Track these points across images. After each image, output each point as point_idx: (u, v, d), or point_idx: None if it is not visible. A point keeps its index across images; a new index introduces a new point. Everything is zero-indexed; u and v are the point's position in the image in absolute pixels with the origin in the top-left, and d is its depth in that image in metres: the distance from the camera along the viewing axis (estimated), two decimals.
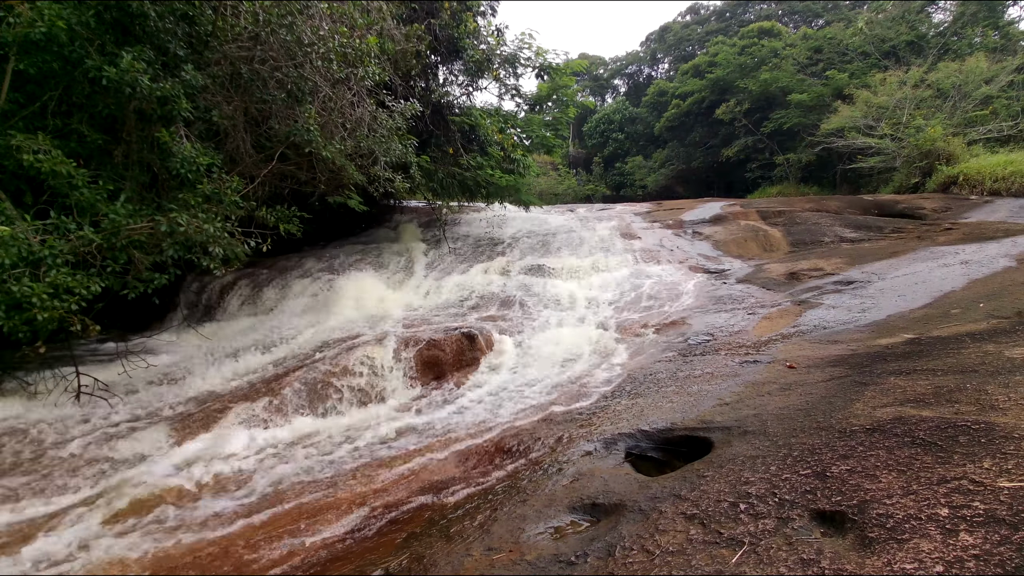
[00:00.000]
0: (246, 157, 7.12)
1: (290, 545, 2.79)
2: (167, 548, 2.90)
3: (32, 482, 3.67)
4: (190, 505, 3.38)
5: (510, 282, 8.67)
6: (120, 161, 6.28)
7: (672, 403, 3.74)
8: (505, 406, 4.70)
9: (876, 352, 3.93)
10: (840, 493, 2.02)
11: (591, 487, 2.61)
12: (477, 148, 12.16)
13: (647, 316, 7.06)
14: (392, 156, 7.59)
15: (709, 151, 31.17)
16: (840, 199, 13.80)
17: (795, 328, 5.34)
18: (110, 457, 3.95)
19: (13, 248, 4.62)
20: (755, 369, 4.17)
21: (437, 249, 11.05)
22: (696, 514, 2.12)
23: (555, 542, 2.19)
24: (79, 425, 4.46)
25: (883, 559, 1.62)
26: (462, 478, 3.31)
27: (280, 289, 8.83)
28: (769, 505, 2.06)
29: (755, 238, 10.92)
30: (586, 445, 3.25)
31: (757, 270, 8.63)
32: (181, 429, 4.34)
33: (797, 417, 2.89)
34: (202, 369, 5.64)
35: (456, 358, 5.81)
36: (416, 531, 2.62)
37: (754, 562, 1.75)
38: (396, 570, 2.22)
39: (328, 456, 4.00)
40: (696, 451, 2.97)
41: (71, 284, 4.76)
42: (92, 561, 2.80)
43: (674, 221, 12.90)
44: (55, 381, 5.13)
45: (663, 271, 9.37)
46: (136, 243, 5.37)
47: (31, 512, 3.37)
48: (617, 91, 49.58)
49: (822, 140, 21.13)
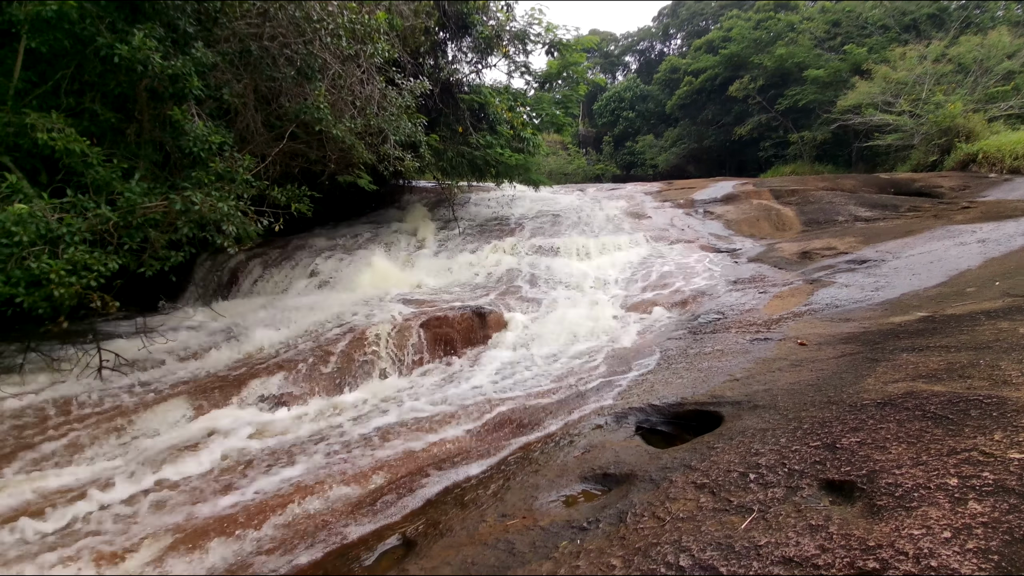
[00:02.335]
0: (257, 136, 7.13)
1: (312, 509, 2.90)
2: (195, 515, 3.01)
3: (64, 450, 3.80)
4: (215, 476, 3.49)
5: (520, 261, 8.68)
6: (133, 140, 6.32)
7: (682, 379, 3.77)
8: (515, 382, 4.75)
9: (889, 330, 3.92)
10: (849, 464, 2.04)
11: (602, 458, 2.65)
12: (486, 127, 12.06)
13: (657, 295, 7.06)
14: (401, 135, 7.56)
15: (721, 129, 30.66)
16: (855, 178, 13.58)
17: (807, 307, 5.32)
18: (134, 428, 4.07)
19: (31, 226, 4.69)
20: (766, 346, 4.18)
21: (447, 229, 11.06)
22: (706, 483, 2.16)
23: (567, 509, 2.25)
24: (103, 398, 4.58)
25: (891, 525, 1.65)
26: (475, 450, 3.38)
27: (291, 268, 8.91)
28: (778, 475, 2.09)
29: (767, 217, 10.81)
30: (597, 419, 3.30)
31: (769, 249, 8.56)
32: (200, 403, 4.44)
33: (807, 392, 2.90)
34: (218, 346, 5.74)
35: (466, 335, 5.87)
36: (431, 499, 2.69)
37: (763, 528, 1.78)
38: (412, 534, 2.29)
39: (341, 429, 4.08)
40: (706, 425, 3.00)
41: (89, 261, 4.84)
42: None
43: (685, 201, 12.78)
44: (78, 356, 5.26)
45: (673, 251, 9.33)
46: (151, 221, 5.43)
47: (69, 478, 3.50)
48: (628, 68, 48.69)
49: (838, 117, 20.68)
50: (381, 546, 2.30)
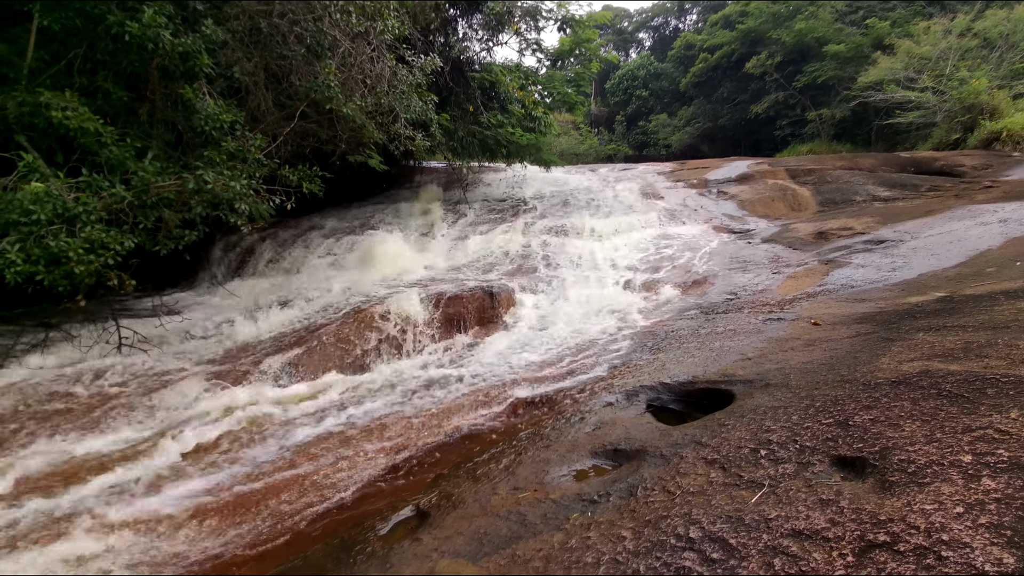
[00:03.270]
0: (268, 115, 7.12)
1: (330, 484, 2.97)
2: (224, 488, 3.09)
3: (91, 423, 3.92)
4: (234, 451, 3.58)
5: (531, 242, 8.65)
6: (145, 119, 6.34)
7: (694, 358, 3.77)
8: (526, 360, 4.78)
9: (905, 310, 3.87)
10: (862, 440, 2.04)
11: (613, 435, 2.67)
12: (497, 106, 11.92)
13: (669, 275, 7.01)
14: (412, 113, 7.50)
15: (737, 108, 30.02)
16: (874, 156, 13.28)
17: (821, 287, 5.26)
18: (156, 403, 4.17)
19: (48, 204, 4.76)
20: (779, 326, 4.15)
21: (458, 209, 11.03)
22: (717, 459, 2.16)
23: (578, 483, 2.28)
24: (123, 374, 4.69)
25: (903, 500, 1.65)
26: (486, 426, 3.42)
27: (303, 249, 8.97)
28: (789, 451, 2.10)
29: (782, 197, 10.63)
30: (608, 397, 3.31)
31: (783, 230, 8.44)
32: (215, 379, 4.53)
33: (820, 371, 2.89)
34: (232, 324, 5.83)
35: (478, 315, 5.89)
36: (444, 472, 2.74)
37: (773, 502, 1.79)
38: (426, 506, 2.34)
39: (355, 407, 4.15)
40: (717, 403, 3.00)
41: (105, 240, 4.90)
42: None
43: (698, 180, 12.60)
44: (98, 333, 5.37)
45: (686, 231, 9.23)
46: (165, 201, 5.48)
47: (98, 447, 3.61)
48: (642, 45, 47.66)
49: (858, 94, 20.13)
50: (395, 517, 2.36)
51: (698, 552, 1.63)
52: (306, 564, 2.10)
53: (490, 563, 1.80)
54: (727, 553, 1.59)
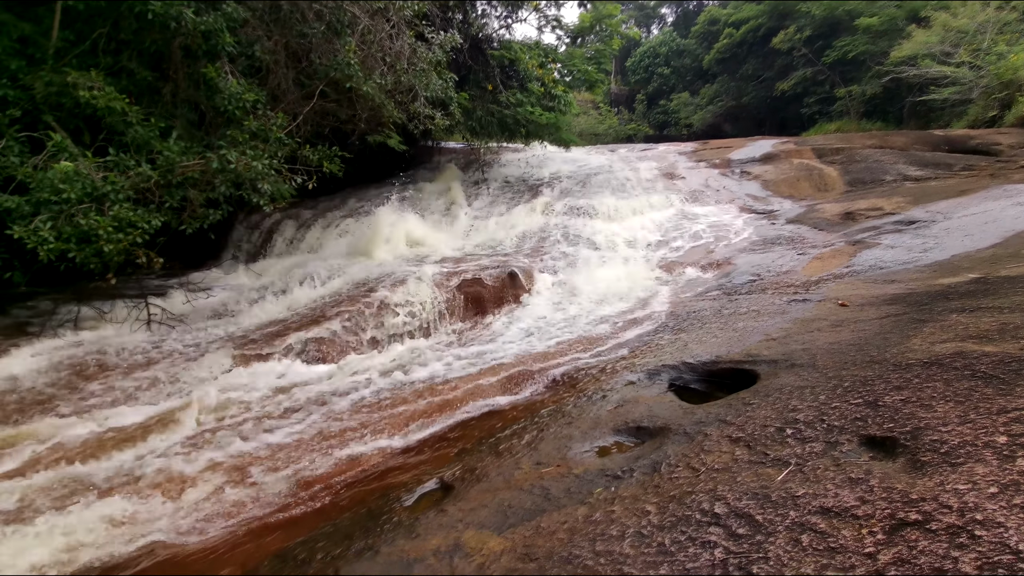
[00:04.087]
0: (288, 95, 7.13)
1: (352, 455, 3.04)
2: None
3: (123, 395, 4.06)
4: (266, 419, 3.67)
5: (550, 222, 8.59)
6: (169, 99, 6.40)
7: (716, 338, 3.73)
8: (547, 340, 4.79)
9: (937, 291, 3.76)
10: (892, 421, 2.00)
11: (635, 412, 2.67)
12: (516, 84, 11.76)
13: (690, 256, 6.93)
14: (432, 92, 7.45)
15: (762, 85, 29.15)
16: (906, 135, 12.83)
17: (848, 268, 5.14)
18: (183, 376, 4.29)
19: (78, 183, 4.85)
20: (804, 307, 4.08)
21: (477, 189, 10.99)
22: (741, 437, 2.15)
23: (601, 459, 2.29)
24: (153, 349, 4.83)
25: (935, 480, 1.63)
26: (508, 404, 3.45)
27: (324, 229, 9.04)
28: (817, 431, 2.07)
29: (808, 177, 10.37)
30: (629, 375, 3.30)
31: (809, 210, 8.25)
32: (241, 355, 4.63)
33: (849, 351, 2.84)
34: (256, 302, 5.93)
35: (498, 295, 5.91)
36: (467, 447, 2.78)
37: (800, 480, 1.78)
38: (450, 479, 2.38)
39: (377, 383, 4.21)
40: (740, 383, 2.97)
41: (133, 219, 5.00)
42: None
43: (721, 160, 12.33)
44: (127, 310, 5.51)
45: (708, 212, 9.08)
46: (190, 180, 5.56)
47: (134, 417, 3.74)
48: (664, 21, 46.38)
49: (891, 69, 19.36)
50: (420, 488, 2.40)
51: (724, 527, 1.63)
52: (336, 531, 2.16)
53: (515, 534, 1.83)
54: (753, 529, 1.59)
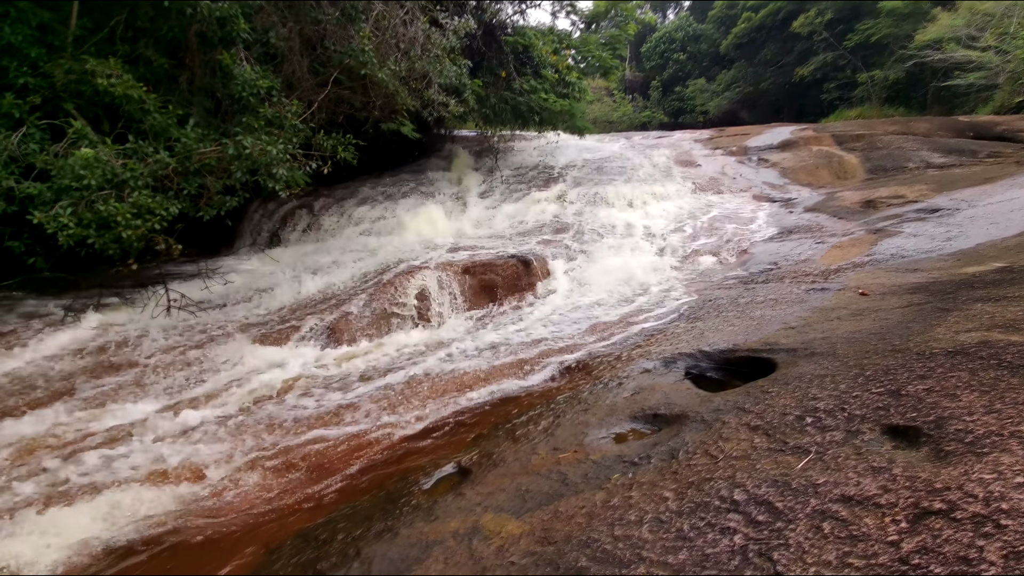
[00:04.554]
0: (302, 82, 7.13)
1: (372, 440, 3.08)
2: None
3: (144, 379, 4.15)
4: (279, 403, 3.73)
5: (564, 210, 8.55)
6: (185, 87, 6.44)
7: (733, 326, 3.70)
8: (560, 328, 4.78)
9: (962, 280, 3.69)
10: (915, 410, 1.98)
11: (652, 399, 2.67)
12: (530, 71, 11.63)
13: (706, 245, 6.86)
14: (445, 78, 7.40)
15: (781, 71, 28.53)
16: (930, 121, 12.52)
17: (869, 257, 5.06)
18: (204, 362, 4.37)
19: (98, 170, 4.91)
20: (823, 296, 4.02)
21: (490, 177, 10.94)
22: (760, 425, 2.14)
23: (618, 446, 2.29)
24: (172, 334, 4.91)
25: (959, 470, 1.60)
26: (523, 391, 3.46)
27: (338, 216, 9.08)
28: (837, 419, 2.05)
29: (827, 165, 10.18)
30: (645, 363, 3.29)
31: (828, 198, 8.11)
32: (259, 340, 4.70)
33: (870, 340, 2.80)
34: (272, 289, 5.99)
35: (511, 283, 5.90)
36: (483, 433, 2.80)
37: (821, 468, 1.77)
38: (467, 463, 2.40)
39: (393, 369, 4.25)
40: (758, 372, 2.95)
41: (151, 205, 5.06)
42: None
43: (737, 148, 12.15)
44: (148, 296, 5.60)
45: (724, 200, 8.97)
46: (207, 167, 5.60)
47: (154, 404, 3.83)
48: (681, 6, 45.46)
49: (915, 54, 18.85)
50: (438, 472, 2.43)
51: (743, 514, 1.63)
52: (355, 513, 2.19)
53: (533, 518, 1.84)
54: (773, 516, 1.58)
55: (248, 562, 2.07)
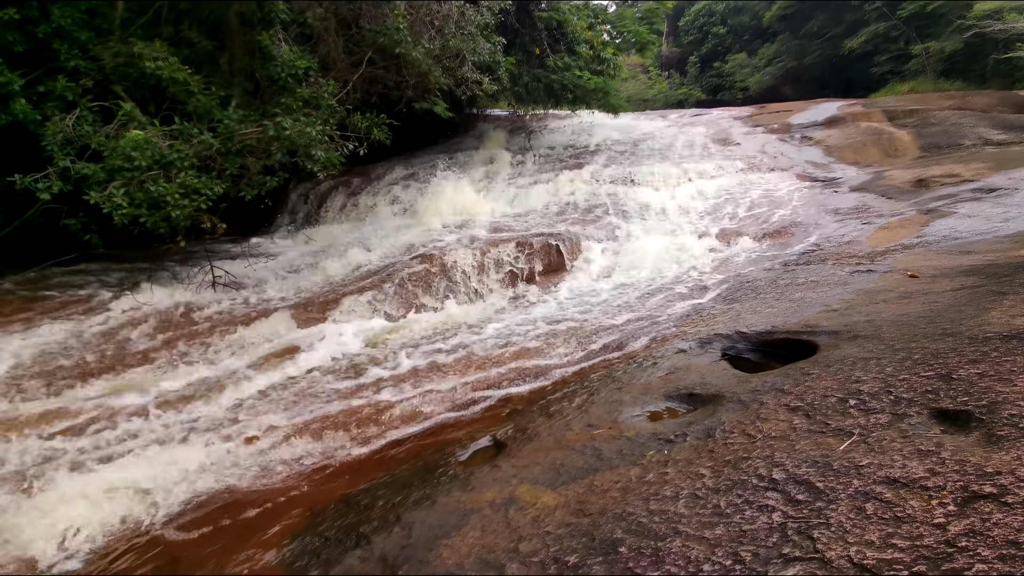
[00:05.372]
0: (338, 62, 7.18)
1: (410, 413, 3.17)
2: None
3: (194, 349, 4.37)
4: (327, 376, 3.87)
5: (597, 190, 8.43)
6: (226, 69, 6.58)
7: (772, 308, 3.62)
8: (594, 308, 4.77)
9: (1019, 262, 3.50)
10: (967, 394, 1.91)
11: (687, 379, 2.65)
12: (564, 48, 11.41)
13: (744, 225, 6.68)
14: (479, 56, 7.34)
15: (827, 43, 27.10)
16: (989, 95, 11.78)
17: (919, 238, 4.84)
18: (249, 335, 4.56)
19: (147, 151, 5.10)
20: (868, 278, 3.89)
21: (522, 157, 10.86)
22: (800, 406, 2.11)
23: (652, 423, 2.30)
24: (217, 309, 5.12)
25: (1012, 455, 1.55)
26: (557, 368, 3.48)
27: (372, 196, 9.20)
28: (883, 402, 2.00)
29: (876, 142, 9.70)
30: (680, 344, 3.27)
31: (876, 177, 7.76)
32: (301, 315, 4.86)
33: (919, 324, 2.70)
34: (312, 266, 6.16)
35: (544, 262, 5.89)
36: (517, 408, 2.84)
37: (864, 450, 1.73)
38: (503, 437, 2.45)
39: (428, 346, 4.33)
40: (797, 355, 2.89)
41: (197, 185, 5.23)
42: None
43: (779, 125, 11.69)
44: (193, 273, 5.84)
45: (764, 179, 8.68)
46: (248, 147, 5.74)
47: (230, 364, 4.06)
48: None
49: (974, 24, 17.64)
50: (473, 445, 2.49)
51: (782, 493, 1.62)
52: (394, 481, 2.28)
53: (568, 491, 1.88)
54: (813, 495, 1.57)
55: (295, 523, 2.18)
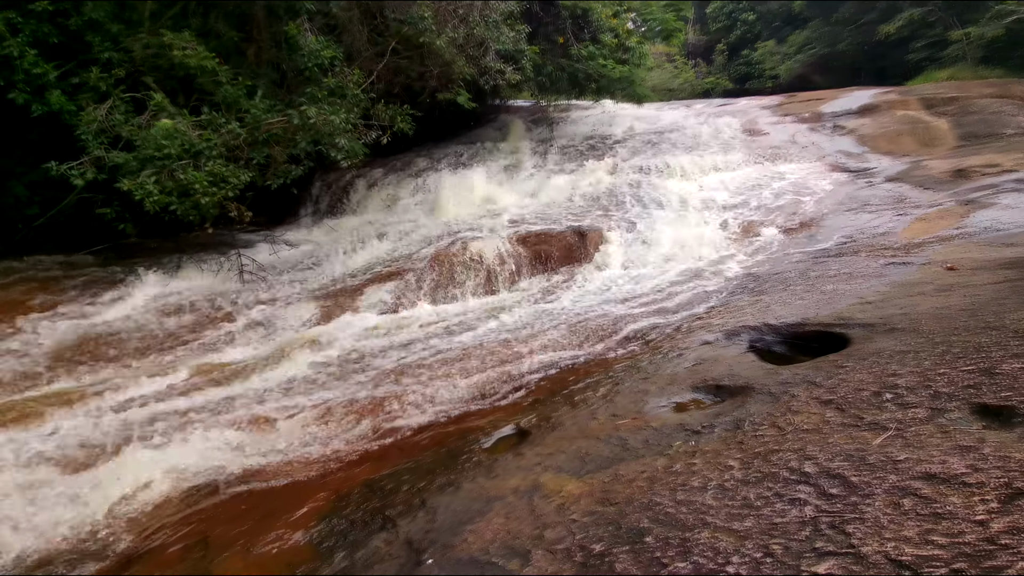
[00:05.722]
0: (362, 52, 7.21)
1: (433, 400, 3.20)
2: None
3: (223, 336, 4.48)
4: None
5: (620, 181, 8.32)
6: (253, 60, 6.66)
7: (802, 300, 3.54)
8: (618, 298, 4.72)
9: None
10: (1010, 389, 1.84)
11: (714, 371, 2.61)
12: (588, 36, 11.26)
13: (772, 217, 6.53)
14: (503, 44, 7.30)
15: (860, 30, 26.21)
16: None
17: (958, 230, 4.67)
18: (274, 322, 4.65)
19: (177, 140, 5.20)
20: (904, 270, 3.76)
21: (545, 148, 10.78)
22: (833, 399, 2.05)
23: (679, 415, 2.26)
24: (245, 296, 5.22)
25: None
26: (581, 358, 3.46)
27: (395, 187, 9.24)
28: (920, 396, 1.94)
29: (912, 131, 9.37)
30: (706, 335, 3.21)
31: (912, 167, 7.50)
32: (324, 304, 4.92)
33: (959, 317, 2.60)
34: (336, 256, 6.22)
35: (566, 253, 5.86)
36: (540, 397, 2.84)
37: (901, 445, 1.68)
38: (526, 425, 2.44)
39: (450, 335, 4.35)
40: (828, 348, 2.81)
41: (225, 174, 5.33)
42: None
43: (810, 114, 11.37)
44: (221, 261, 5.95)
45: (793, 170, 8.46)
46: (274, 137, 5.82)
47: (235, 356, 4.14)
48: None
49: (1015, 9, 16.91)
50: (497, 433, 2.49)
51: (814, 486, 1.57)
52: (418, 467, 2.29)
53: (593, 480, 1.86)
54: (847, 489, 1.52)
55: (321, 506, 2.21)
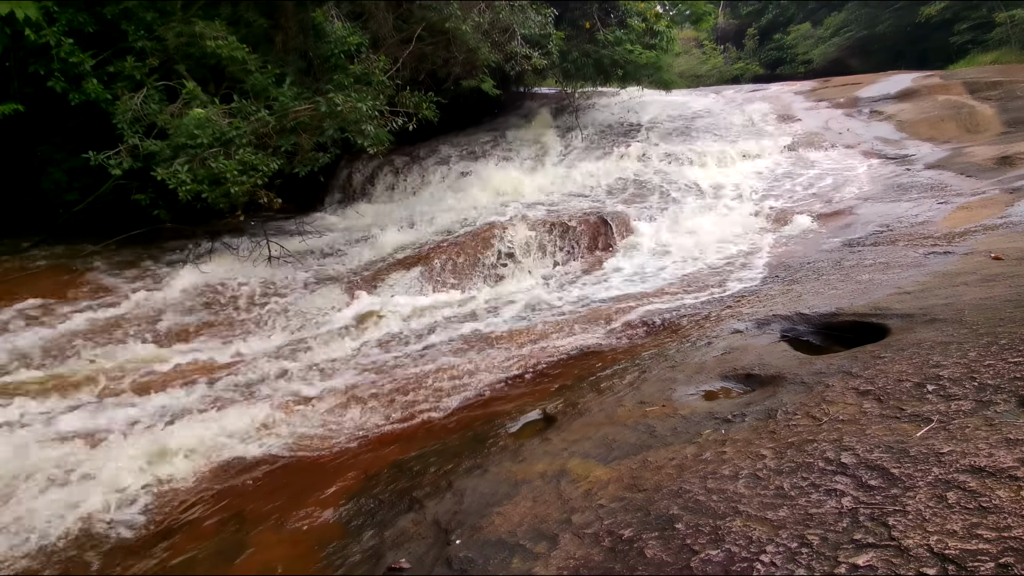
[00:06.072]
0: (388, 39, 7.21)
1: (460, 385, 3.22)
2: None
3: (254, 319, 4.59)
4: None
5: (647, 168, 8.20)
6: (280, 48, 6.71)
7: (836, 290, 3.43)
8: (645, 286, 4.66)
9: None
10: None
11: (744, 359, 2.55)
12: (615, 21, 11.04)
13: (805, 205, 6.35)
14: (529, 29, 7.20)
15: (900, 12, 25.10)
16: None
17: (1003, 219, 4.46)
18: (305, 307, 4.75)
19: (208, 129, 5.29)
20: (946, 260, 3.62)
21: (570, 135, 10.66)
22: (871, 390, 1.99)
23: (708, 403, 2.23)
24: (275, 281, 5.33)
25: None
26: (607, 345, 3.43)
27: (420, 174, 9.27)
28: (965, 388, 1.86)
29: (955, 117, 8.98)
30: (736, 324, 3.15)
31: (954, 154, 7.20)
32: (353, 289, 4.99)
33: (1004, 308, 2.49)
34: (362, 242, 6.29)
35: (592, 240, 5.81)
36: (567, 384, 2.82)
37: (945, 437, 1.62)
38: (552, 411, 2.43)
39: (477, 319, 4.37)
40: (864, 338, 2.73)
41: (255, 162, 5.40)
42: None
43: (846, 99, 10.99)
44: (252, 247, 6.07)
45: (827, 157, 8.22)
46: (302, 124, 5.87)
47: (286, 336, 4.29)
48: None
49: None
50: (523, 418, 2.49)
51: (852, 477, 1.53)
52: (445, 449, 2.31)
53: (621, 466, 1.85)
54: (888, 481, 1.48)
55: (350, 485, 2.25)
